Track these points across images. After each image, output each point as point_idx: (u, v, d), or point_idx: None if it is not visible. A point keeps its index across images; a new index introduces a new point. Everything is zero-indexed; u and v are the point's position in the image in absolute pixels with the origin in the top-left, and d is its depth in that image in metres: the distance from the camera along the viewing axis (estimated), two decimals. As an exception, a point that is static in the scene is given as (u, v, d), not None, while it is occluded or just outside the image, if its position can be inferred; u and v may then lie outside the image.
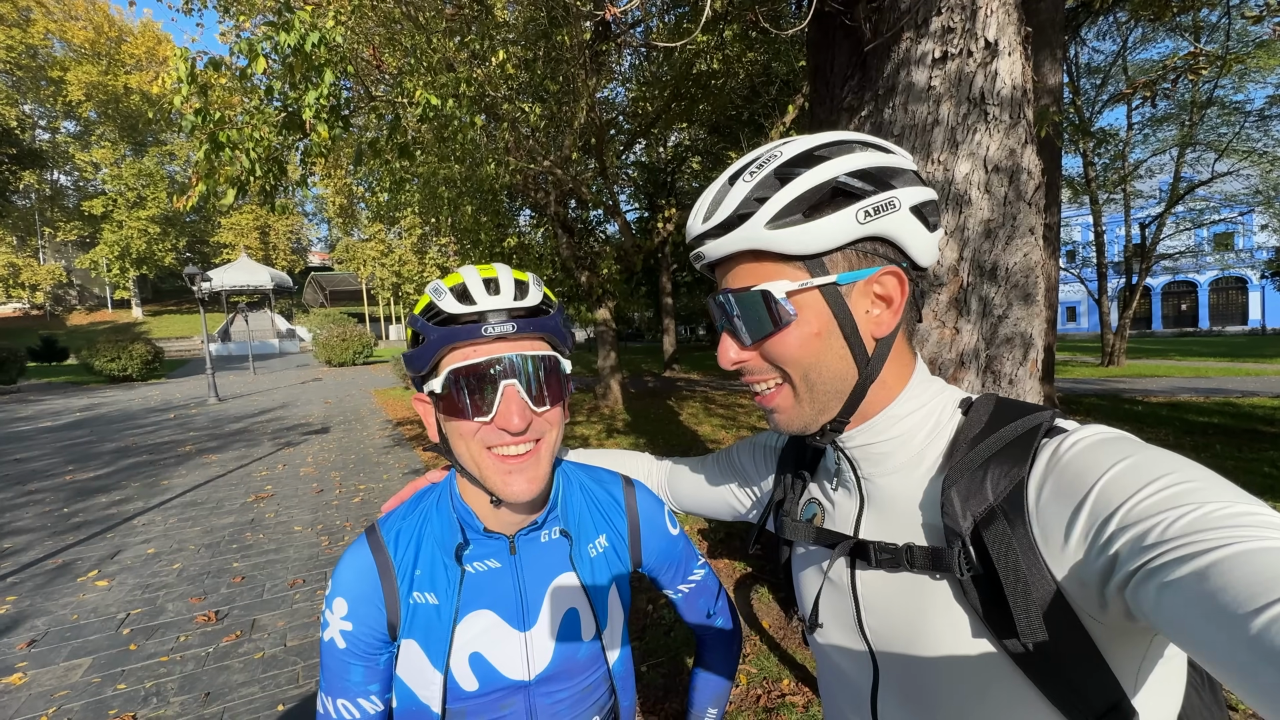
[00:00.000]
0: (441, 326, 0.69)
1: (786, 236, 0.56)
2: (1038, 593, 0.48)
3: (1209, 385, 11.58)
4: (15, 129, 30.24)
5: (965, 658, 0.53)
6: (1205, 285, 32.58)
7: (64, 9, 36.27)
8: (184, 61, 3.58)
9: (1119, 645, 0.48)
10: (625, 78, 10.29)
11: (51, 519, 5.41)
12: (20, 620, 3.45)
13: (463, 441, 0.71)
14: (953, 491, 0.54)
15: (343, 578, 0.76)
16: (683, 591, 0.97)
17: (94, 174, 40.13)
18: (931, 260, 0.60)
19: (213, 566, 4.19)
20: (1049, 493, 0.49)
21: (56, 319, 41.08)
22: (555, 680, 0.80)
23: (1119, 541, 0.43)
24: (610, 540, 0.88)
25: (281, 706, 2.61)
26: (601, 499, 0.89)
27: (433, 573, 0.77)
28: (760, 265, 0.59)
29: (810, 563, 0.70)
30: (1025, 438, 0.53)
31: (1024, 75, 1.93)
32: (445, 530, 0.79)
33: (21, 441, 9.65)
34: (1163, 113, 14.99)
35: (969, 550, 0.52)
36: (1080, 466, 0.48)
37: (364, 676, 0.76)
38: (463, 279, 0.71)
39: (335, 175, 16.60)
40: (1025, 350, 1.98)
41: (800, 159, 0.57)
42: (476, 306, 0.69)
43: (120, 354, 20.18)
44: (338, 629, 0.75)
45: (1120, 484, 0.45)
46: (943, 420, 0.61)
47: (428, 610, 0.76)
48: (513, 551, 0.80)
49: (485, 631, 0.77)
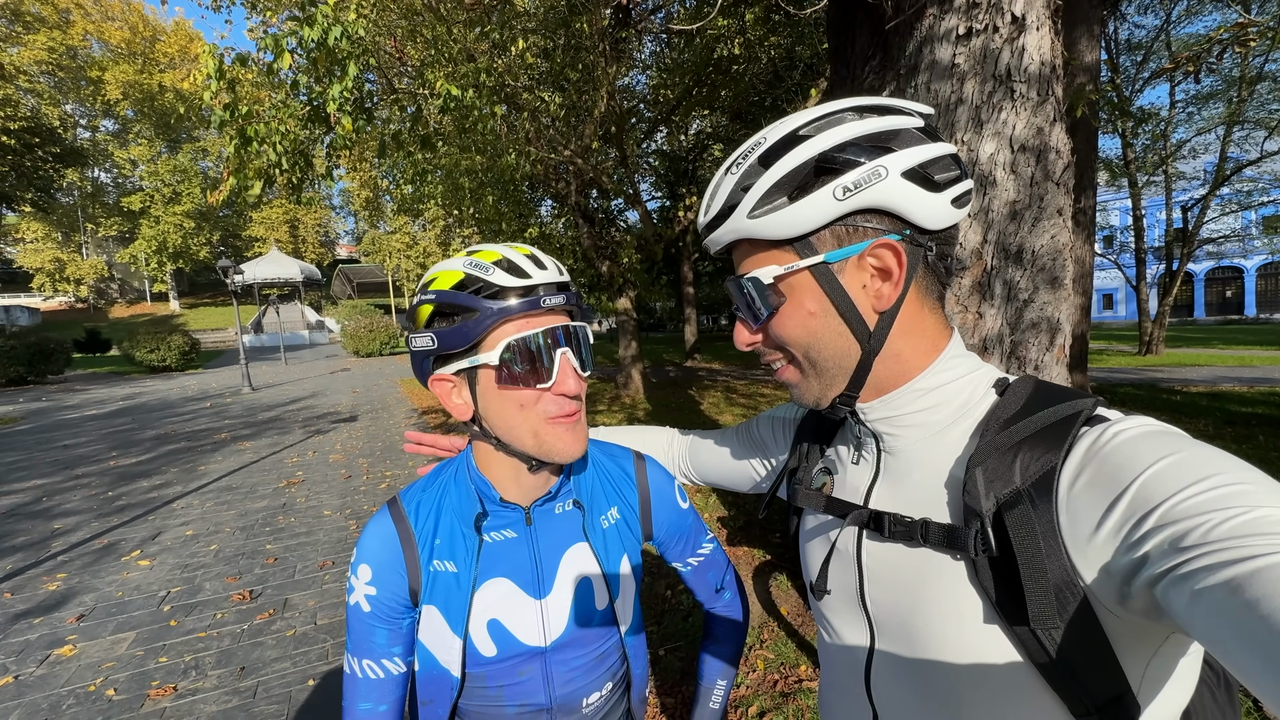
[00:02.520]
0: (494, 300, 0.70)
1: (769, 223, 0.57)
2: (1054, 580, 0.47)
3: (1254, 375, 11.11)
4: (58, 128, 31.39)
5: (968, 638, 0.53)
6: (1252, 271, 31.10)
7: (101, 10, 37.39)
8: (212, 58, 3.67)
9: (1131, 640, 0.47)
10: (645, 65, 10.21)
11: (97, 502, 5.67)
12: (70, 596, 3.63)
13: (519, 412, 0.73)
14: (978, 471, 0.53)
15: (367, 545, 0.80)
16: (691, 565, 0.99)
17: (132, 171, 41.50)
18: (945, 222, 0.57)
19: (247, 548, 4.35)
20: (1085, 481, 0.47)
21: (99, 312, 42.72)
22: (570, 647, 0.83)
23: (1155, 539, 0.41)
24: (622, 512, 0.90)
25: (312, 681, 2.71)
26: (613, 472, 0.92)
27: (452, 542, 0.80)
28: (755, 252, 0.61)
29: (819, 531, 0.71)
30: (1064, 423, 0.51)
31: (1053, 50, 1.86)
32: (464, 501, 0.82)
33: (69, 429, 10.10)
34: (1208, 89, 14.29)
35: (987, 531, 0.51)
36: (1122, 458, 0.46)
37: (388, 639, 0.80)
38: (500, 254, 0.73)
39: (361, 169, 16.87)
40: (1052, 336, 1.93)
41: (783, 141, 0.57)
42: (531, 280, 0.71)
43: (159, 345, 20.94)
44: (363, 594, 0.78)
45: (1164, 480, 0.43)
46: (974, 398, 0.59)
47: (447, 578, 0.79)
48: (528, 522, 0.82)
49: (503, 599, 0.80)
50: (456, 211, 10.16)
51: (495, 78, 5.02)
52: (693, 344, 19.26)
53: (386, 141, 5.34)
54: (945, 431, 0.59)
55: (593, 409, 9.86)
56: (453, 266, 0.73)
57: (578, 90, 7.79)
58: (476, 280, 0.70)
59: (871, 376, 0.60)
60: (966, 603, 0.53)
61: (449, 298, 0.71)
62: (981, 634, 0.52)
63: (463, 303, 0.70)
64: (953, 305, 1.92)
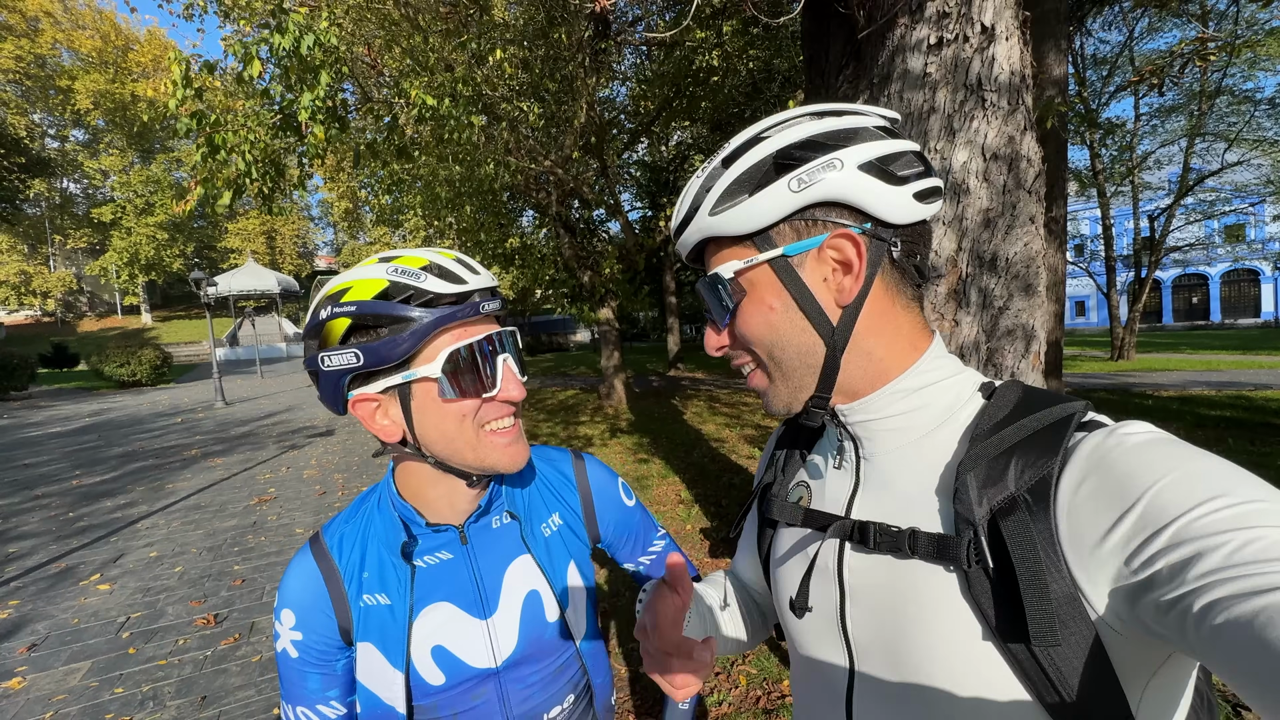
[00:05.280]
0: (428, 308, 0.65)
1: (729, 218, 0.57)
2: (1055, 594, 0.44)
3: (1221, 378, 11.42)
4: (24, 138, 30.58)
5: (960, 658, 0.49)
6: (1216, 278, 32.17)
7: (71, 19, 36.66)
8: (178, 65, 3.58)
9: (1133, 660, 0.45)
10: (625, 76, 10.26)
11: (57, 523, 5.44)
12: (22, 624, 3.45)
13: (459, 424, 0.69)
14: (969, 477, 0.50)
15: (289, 587, 0.75)
16: (644, 564, 0.96)
17: (103, 181, 40.55)
18: (908, 216, 0.55)
19: (213, 569, 4.19)
20: (1088, 490, 0.45)
21: (68, 325, 41.52)
22: (524, 664, 0.80)
23: (1168, 558, 0.39)
24: (564, 518, 0.87)
25: (277, 710, 2.59)
26: (551, 477, 0.89)
27: (382, 573, 0.76)
28: (719, 252, 0.61)
29: (797, 548, 0.67)
30: (1056, 427, 0.49)
31: (1022, 60, 1.88)
32: (389, 530, 0.77)
33: (31, 447, 9.73)
34: (1171, 103, 14.79)
35: (981, 540, 0.48)
36: (1130, 467, 0.44)
37: (321, 684, 0.76)
38: (428, 259, 0.69)
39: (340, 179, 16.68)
40: (1027, 343, 1.93)
41: (745, 143, 0.58)
42: (467, 286, 0.68)
43: (129, 359, 20.36)
44: (289, 639, 0.74)
45: (1177, 493, 0.40)
46: (959, 402, 0.57)
47: (380, 611, 0.75)
48: (464, 541, 0.78)
49: (445, 624, 0.76)
50: (437, 222, 10.07)
51: (473, 88, 4.98)
52: (676, 353, 19.25)
53: (361, 151, 5.26)
54: (930, 436, 0.57)
55: (575, 419, 9.77)
56: (371, 275, 0.67)
57: (557, 101, 7.79)
58: (406, 288, 0.65)
59: (844, 377, 0.58)
60: (959, 620, 0.49)
61: (373, 308, 0.65)
62: (974, 653, 0.49)
63: (392, 312, 0.64)
64: (929, 313, 1.92)
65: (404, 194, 8.51)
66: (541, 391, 13.97)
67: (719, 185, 0.57)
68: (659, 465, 6.50)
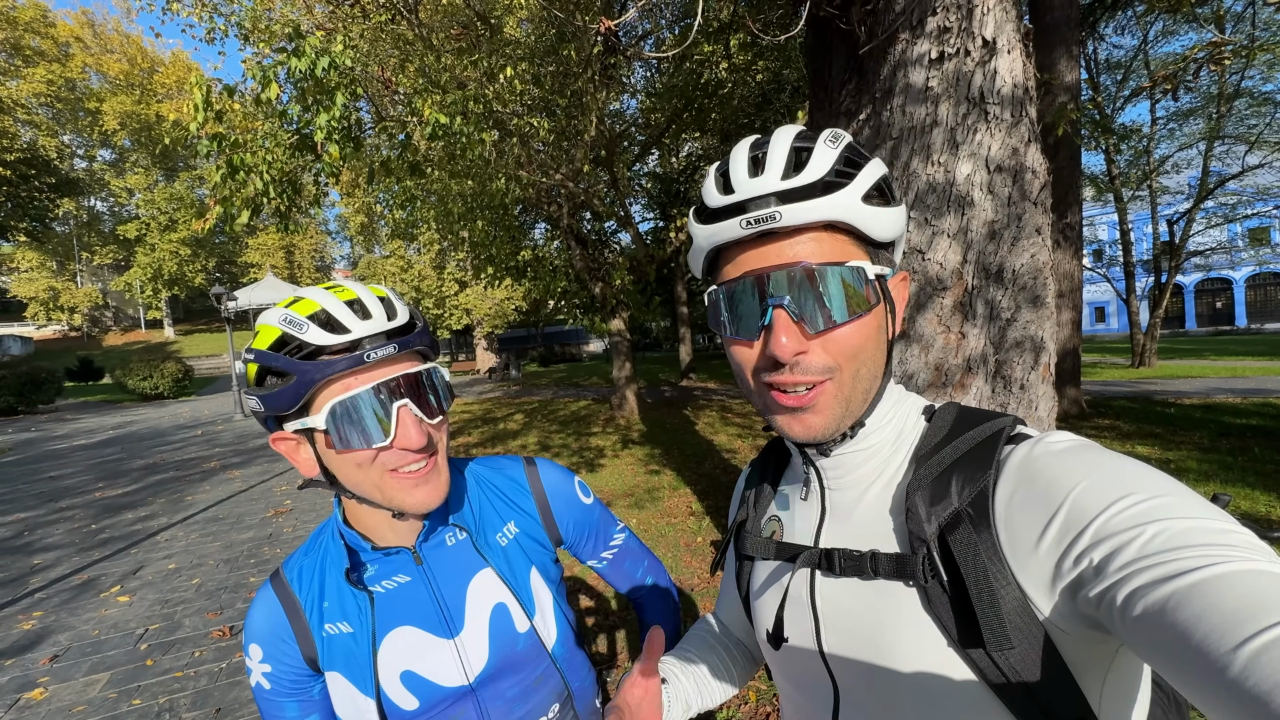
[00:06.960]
0: (309, 361, 0.64)
1: (880, 216, 0.53)
2: (1005, 600, 0.46)
3: (1246, 385, 11.12)
4: (55, 159, 31.59)
5: (929, 670, 0.51)
6: (1241, 282, 31.42)
7: (100, 43, 37.97)
8: (199, 89, 3.69)
9: (1085, 657, 0.47)
10: (635, 89, 10.36)
11: (80, 535, 5.55)
12: (45, 635, 3.52)
13: (359, 470, 0.68)
14: (917, 497, 0.53)
15: (253, 621, 0.77)
16: (606, 559, 0.97)
17: (128, 199, 41.66)
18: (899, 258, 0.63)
19: (229, 581, 4.25)
20: (1019, 500, 0.48)
21: (93, 340, 42.54)
22: (499, 678, 0.80)
23: (1091, 555, 0.41)
24: (521, 525, 0.87)
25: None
26: (503, 485, 0.89)
27: (341, 602, 0.77)
28: (835, 243, 0.53)
29: (771, 580, 0.68)
30: (987, 443, 0.52)
31: (1025, 72, 1.88)
32: (342, 559, 0.78)
33: (56, 460, 9.96)
34: (1187, 106, 14.57)
35: (933, 556, 0.50)
36: (1052, 475, 0.47)
37: (298, 711, 0.77)
38: (319, 304, 0.67)
39: (356, 194, 16.99)
40: (1036, 354, 1.92)
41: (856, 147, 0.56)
42: (350, 335, 0.65)
43: (152, 372, 20.81)
44: (260, 673, 0.76)
45: (1095, 494, 0.43)
46: (907, 427, 0.60)
47: (344, 640, 0.76)
48: (419, 562, 0.79)
49: (411, 647, 0.76)
50: (451, 236, 10.20)
51: (484, 105, 5.06)
52: (688, 363, 19.22)
53: (375, 169, 5.37)
54: (886, 462, 0.59)
55: (587, 430, 9.79)
56: (269, 321, 0.67)
57: (567, 116, 7.89)
58: (291, 340, 0.65)
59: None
60: (923, 633, 0.51)
61: (266, 360, 0.66)
62: (943, 663, 0.50)
63: (280, 366, 0.65)
64: (935, 325, 1.91)
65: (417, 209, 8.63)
66: (554, 403, 14.01)
67: (868, 175, 0.53)
68: (670, 477, 6.48)
